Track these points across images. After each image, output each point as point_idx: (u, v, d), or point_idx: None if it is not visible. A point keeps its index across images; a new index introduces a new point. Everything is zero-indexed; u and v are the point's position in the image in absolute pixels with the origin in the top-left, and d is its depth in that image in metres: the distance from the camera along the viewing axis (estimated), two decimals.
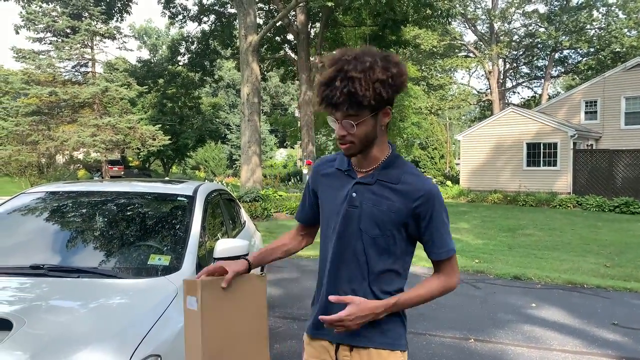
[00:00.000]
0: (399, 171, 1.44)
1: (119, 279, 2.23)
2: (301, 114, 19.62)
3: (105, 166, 24.54)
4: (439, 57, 33.84)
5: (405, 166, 1.46)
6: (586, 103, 19.36)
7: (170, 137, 25.92)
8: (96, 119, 21.01)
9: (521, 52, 36.18)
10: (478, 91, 37.58)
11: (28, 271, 2.23)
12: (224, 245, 2.55)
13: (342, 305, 1.41)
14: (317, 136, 27.83)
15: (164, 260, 2.39)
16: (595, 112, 19.13)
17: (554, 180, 16.86)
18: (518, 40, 35.20)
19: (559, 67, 35.99)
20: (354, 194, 1.44)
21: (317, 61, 19.46)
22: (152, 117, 31.33)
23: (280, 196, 14.46)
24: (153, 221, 2.82)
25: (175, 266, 2.34)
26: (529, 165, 17.65)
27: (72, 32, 22.16)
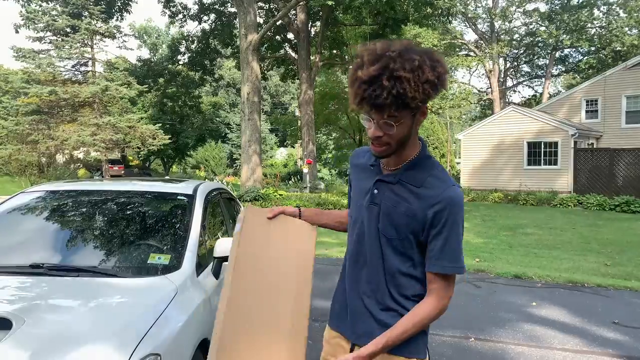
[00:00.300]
0: (424, 173, 1.35)
1: (118, 277, 2.23)
2: (301, 113, 19.61)
3: (105, 165, 24.56)
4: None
5: (432, 169, 1.36)
6: (587, 102, 19.34)
7: (171, 137, 25.94)
8: (96, 118, 21.02)
9: (522, 51, 36.15)
10: (479, 90, 37.55)
11: (28, 270, 2.23)
12: (224, 244, 2.54)
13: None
14: (318, 135, 27.82)
15: (163, 260, 2.38)
16: (596, 111, 19.11)
17: (554, 179, 16.85)
18: (519, 39, 35.17)
19: (559, 66, 35.97)
20: (376, 190, 1.39)
21: (317, 60, 19.45)
22: (152, 116, 31.36)
23: (280, 195, 14.46)
24: (153, 220, 2.81)
25: (175, 265, 2.33)
26: (529, 164, 17.64)
27: (72, 31, 22.16)
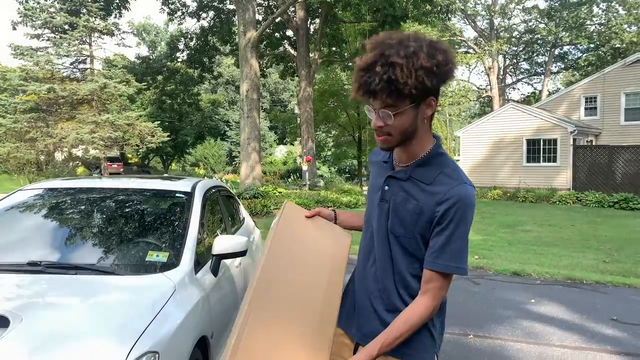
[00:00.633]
0: (435, 171, 1.30)
1: (117, 275, 2.22)
2: (301, 110, 19.59)
3: (104, 163, 24.54)
4: None
5: (445, 166, 1.30)
6: (586, 99, 19.34)
7: (170, 134, 25.92)
8: (95, 116, 20.98)
9: (521, 48, 36.14)
10: (478, 87, 37.54)
11: (25, 268, 2.22)
12: (222, 241, 2.54)
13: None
14: (317, 133, 27.79)
15: (162, 257, 2.37)
16: (595, 108, 19.12)
17: (553, 176, 16.86)
18: (518, 36, 35.16)
19: (558, 63, 35.97)
20: (386, 187, 1.37)
21: (316, 57, 19.42)
22: (151, 113, 31.30)
23: (280, 193, 14.45)
24: (151, 218, 2.80)
25: (174, 263, 2.33)
26: (528, 161, 17.65)
27: (70, 29, 22.11)
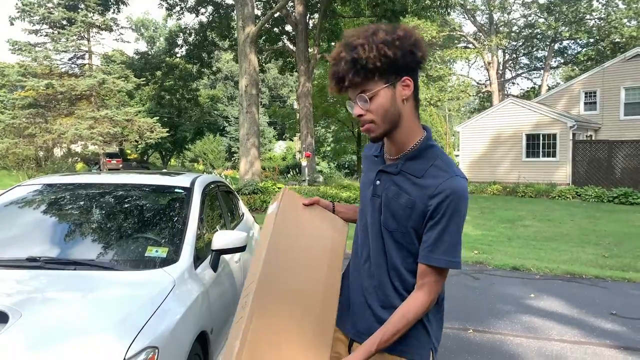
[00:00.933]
0: (426, 163, 1.27)
1: (116, 271, 2.22)
2: (300, 105, 19.53)
3: (103, 159, 24.50)
4: (438, 48, 33.68)
5: (436, 158, 1.28)
6: (585, 94, 19.30)
7: (169, 130, 25.84)
8: (93, 112, 20.92)
9: (520, 43, 36.03)
10: (477, 82, 37.47)
11: (24, 264, 2.22)
12: (222, 237, 2.53)
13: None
14: (316, 128, 27.76)
15: (161, 252, 2.37)
16: (595, 103, 19.08)
17: (553, 171, 16.86)
18: (517, 31, 35.04)
19: (558, 58, 35.87)
20: (378, 182, 1.34)
21: (315, 52, 19.35)
22: (150, 109, 31.22)
23: (279, 189, 14.44)
24: (150, 213, 2.79)
25: (173, 258, 2.32)
26: (528, 156, 17.64)
27: (69, 24, 22.00)
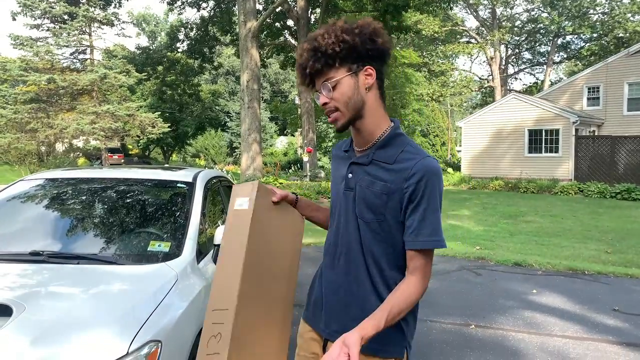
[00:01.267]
0: (396, 150, 1.28)
1: (119, 265, 2.22)
2: (301, 101, 19.50)
3: (104, 154, 24.54)
4: (441, 43, 33.56)
5: (406, 145, 1.29)
6: (588, 89, 19.22)
7: (170, 125, 25.87)
8: (95, 107, 20.94)
9: (523, 38, 35.85)
10: (480, 78, 37.32)
11: (28, 258, 2.22)
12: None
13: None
14: (318, 124, 27.72)
15: (164, 247, 2.37)
16: (598, 98, 19.00)
17: (555, 167, 16.82)
18: (520, 25, 34.86)
19: (561, 53, 35.70)
20: (350, 175, 1.33)
21: None
22: (151, 104, 31.19)
23: (280, 184, 14.45)
24: (153, 208, 2.80)
25: (176, 252, 2.33)
26: (530, 152, 17.60)
27: (70, 19, 21.97)
